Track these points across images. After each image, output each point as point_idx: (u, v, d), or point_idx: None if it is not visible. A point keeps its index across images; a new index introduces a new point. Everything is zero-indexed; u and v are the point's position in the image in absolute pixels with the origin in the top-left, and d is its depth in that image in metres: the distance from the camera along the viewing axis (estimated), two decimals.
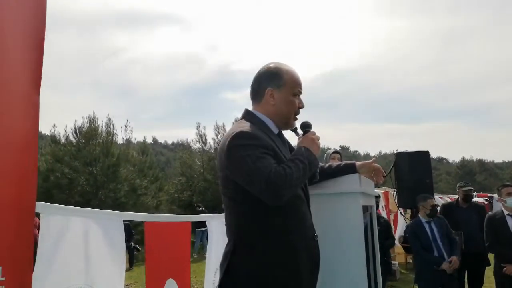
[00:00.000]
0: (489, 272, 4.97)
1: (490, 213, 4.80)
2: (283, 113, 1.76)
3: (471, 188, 5.52)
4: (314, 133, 1.76)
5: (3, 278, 1.40)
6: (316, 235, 1.75)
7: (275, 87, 1.75)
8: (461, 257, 4.35)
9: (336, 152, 4.22)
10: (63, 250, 1.97)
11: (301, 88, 1.79)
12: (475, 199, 6.68)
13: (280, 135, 1.82)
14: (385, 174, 2.17)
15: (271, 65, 1.81)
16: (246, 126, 1.66)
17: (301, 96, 1.83)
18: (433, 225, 4.46)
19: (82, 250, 2.06)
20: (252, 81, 1.82)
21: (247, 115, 1.78)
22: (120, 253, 2.29)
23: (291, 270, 1.61)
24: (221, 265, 1.68)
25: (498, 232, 4.30)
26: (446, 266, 4.24)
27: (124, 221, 2.31)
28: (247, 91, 1.87)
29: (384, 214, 7.12)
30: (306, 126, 1.80)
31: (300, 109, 1.80)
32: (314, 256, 1.73)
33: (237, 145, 1.59)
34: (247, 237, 1.64)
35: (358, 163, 2.08)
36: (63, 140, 14.32)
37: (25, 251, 1.51)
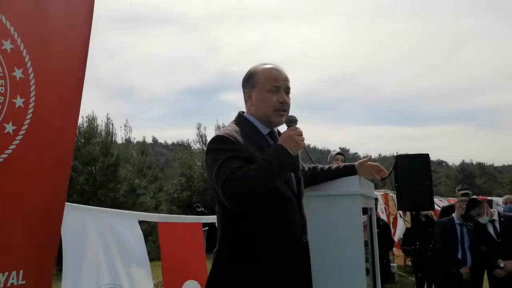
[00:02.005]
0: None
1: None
2: (260, 111, 1.75)
3: (468, 191, 5.58)
4: (294, 129, 1.68)
5: (23, 282, 1.38)
6: (305, 237, 1.71)
7: (250, 87, 1.76)
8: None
9: (339, 153, 4.25)
10: (86, 249, 1.98)
11: (277, 83, 1.73)
12: None
13: (272, 135, 1.79)
14: (385, 170, 2.17)
15: (249, 69, 1.82)
16: (228, 129, 1.69)
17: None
18: (464, 229, 4.53)
19: (104, 250, 2.08)
20: None
21: (237, 118, 1.81)
22: (142, 251, 2.32)
23: (273, 274, 1.59)
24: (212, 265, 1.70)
25: (483, 238, 4.41)
26: (464, 271, 4.31)
27: None
28: None
29: (383, 217, 7.11)
30: (290, 121, 1.73)
31: (283, 104, 1.72)
32: (303, 259, 1.69)
33: (210, 149, 1.63)
34: (230, 238, 1.64)
35: (356, 164, 2.08)
36: None
37: (48, 256, 1.49)
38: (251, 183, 1.48)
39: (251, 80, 1.76)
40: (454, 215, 4.69)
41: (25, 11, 1.38)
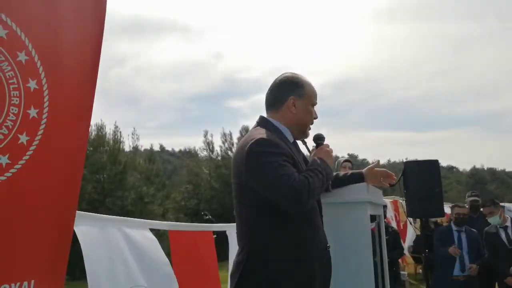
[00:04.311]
0: None
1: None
2: (302, 122, 1.79)
3: (476, 198, 5.50)
4: (328, 146, 1.79)
5: None
6: (329, 246, 1.75)
7: (297, 96, 1.77)
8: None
9: (347, 160, 4.21)
10: (107, 258, 1.99)
11: (317, 101, 1.84)
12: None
13: (295, 144, 1.83)
14: (394, 176, 2.15)
15: (290, 74, 1.83)
16: (263, 133, 1.66)
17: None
18: (462, 235, 4.53)
19: (123, 257, 2.09)
20: (270, 89, 1.83)
21: (263, 123, 1.77)
22: (161, 255, 2.31)
23: (305, 281, 1.60)
24: (232, 274, 1.66)
25: (494, 245, 4.38)
26: (453, 251, 4.28)
27: None
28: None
29: (393, 224, 7.01)
30: (319, 138, 1.83)
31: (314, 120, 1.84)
32: (327, 267, 1.72)
33: (258, 151, 1.58)
34: (261, 246, 1.62)
35: (364, 170, 2.06)
36: None
37: (59, 266, 1.49)
38: (315, 189, 1.56)
39: (300, 89, 1.78)
40: (452, 222, 4.72)
41: (39, 23, 1.40)
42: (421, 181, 3.64)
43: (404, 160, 4.50)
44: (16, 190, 1.33)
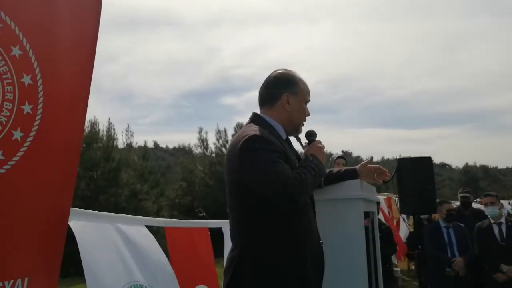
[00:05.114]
0: None
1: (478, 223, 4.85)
2: (295, 119, 1.79)
3: (467, 195, 5.56)
4: (320, 142, 1.80)
5: None
6: (322, 242, 1.76)
7: (292, 93, 1.78)
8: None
9: (340, 157, 4.22)
10: (104, 254, 1.97)
11: (309, 97, 1.85)
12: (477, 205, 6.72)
13: (288, 141, 1.84)
14: (388, 172, 2.16)
15: (284, 71, 1.83)
16: (257, 130, 1.66)
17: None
18: (451, 231, 4.59)
19: (121, 253, 2.08)
20: (264, 85, 1.83)
21: (256, 119, 1.78)
22: (159, 251, 2.31)
23: (299, 277, 1.61)
24: (226, 271, 1.67)
25: (486, 241, 4.40)
26: (457, 266, 4.32)
27: None
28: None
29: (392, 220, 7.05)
30: (311, 135, 1.83)
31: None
32: (320, 263, 1.74)
33: (252, 148, 1.59)
34: (255, 243, 1.63)
35: (358, 167, 2.07)
36: None
37: (53, 263, 1.48)
38: (308, 185, 1.58)
39: (293, 87, 1.78)
40: (439, 219, 4.79)
41: (34, 17, 1.38)
42: (414, 178, 3.68)
43: (398, 157, 4.54)
44: (10, 187, 1.32)
